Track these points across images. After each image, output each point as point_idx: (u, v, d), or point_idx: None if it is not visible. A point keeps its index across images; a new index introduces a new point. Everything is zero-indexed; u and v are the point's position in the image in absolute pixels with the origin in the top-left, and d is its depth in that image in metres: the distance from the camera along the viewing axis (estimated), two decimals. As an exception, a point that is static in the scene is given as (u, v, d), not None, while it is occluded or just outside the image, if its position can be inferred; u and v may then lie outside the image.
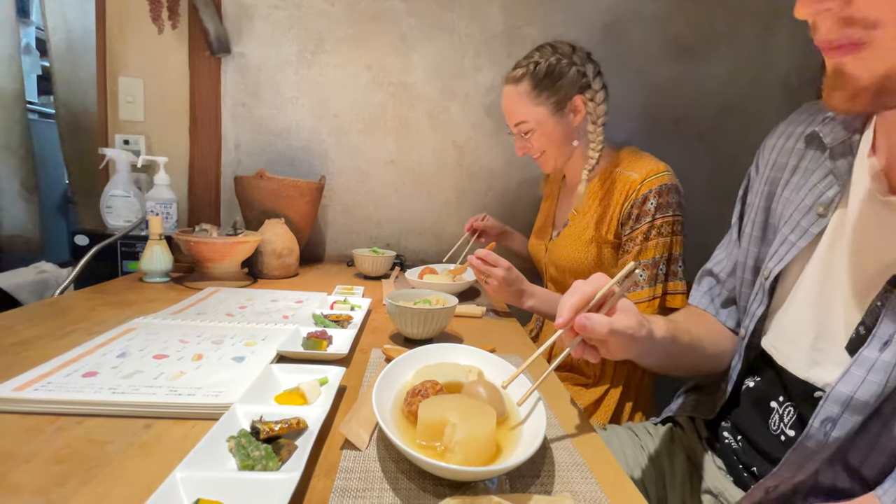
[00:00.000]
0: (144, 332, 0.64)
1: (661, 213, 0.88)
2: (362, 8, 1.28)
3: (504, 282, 0.86)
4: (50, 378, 0.48)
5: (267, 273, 1.08)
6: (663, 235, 0.89)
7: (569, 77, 0.92)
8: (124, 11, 1.24)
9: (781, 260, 0.53)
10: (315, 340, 0.63)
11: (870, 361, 0.40)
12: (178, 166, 1.30)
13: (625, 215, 0.91)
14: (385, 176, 1.38)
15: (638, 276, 0.88)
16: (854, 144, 0.49)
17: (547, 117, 0.95)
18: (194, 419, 0.45)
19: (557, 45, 0.95)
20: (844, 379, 0.41)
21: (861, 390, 0.39)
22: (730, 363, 0.62)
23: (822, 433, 0.41)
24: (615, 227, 0.93)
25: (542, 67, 0.92)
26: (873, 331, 0.41)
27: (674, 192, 0.90)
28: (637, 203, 0.89)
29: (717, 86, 1.37)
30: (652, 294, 0.88)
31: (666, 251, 0.89)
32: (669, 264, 0.89)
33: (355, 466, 0.40)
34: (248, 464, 0.36)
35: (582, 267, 0.98)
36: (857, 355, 0.41)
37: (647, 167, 0.91)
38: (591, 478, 0.40)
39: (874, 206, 0.44)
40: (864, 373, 0.39)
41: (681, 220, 0.90)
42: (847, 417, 0.40)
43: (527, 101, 0.95)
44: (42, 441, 0.40)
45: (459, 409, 0.39)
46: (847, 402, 0.40)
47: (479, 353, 0.56)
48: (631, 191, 0.90)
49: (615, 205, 0.93)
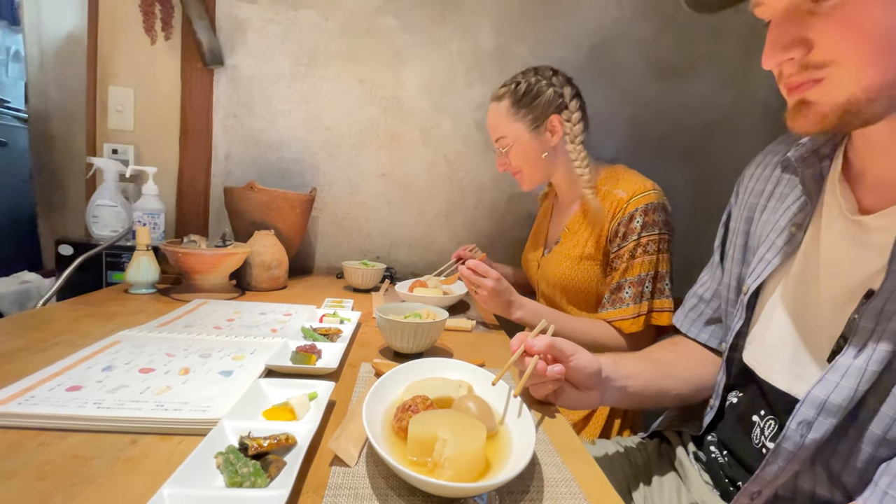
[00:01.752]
0: (130, 345, 0.63)
1: (648, 232, 0.90)
2: (356, 23, 1.30)
3: (493, 292, 0.87)
4: (33, 392, 0.48)
5: (255, 285, 1.08)
6: (649, 253, 0.90)
7: (546, 97, 0.97)
8: (117, 21, 1.24)
9: (759, 277, 0.55)
10: (304, 354, 0.63)
11: (844, 367, 0.42)
12: (166, 176, 1.29)
13: (612, 233, 0.93)
14: (376, 189, 1.38)
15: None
16: (825, 168, 0.51)
17: (524, 133, 0.98)
18: (181, 434, 0.45)
19: (540, 68, 1.00)
20: (820, 384, 0.42)
21: (835, 394, 0.41)
22: (712, 386, 0.64)
23: (799, 435, 0.43)
24: (604, 245, 0.95)
25: (521, 87, 0.97)
26: (849, 339, 0.42)
27: (660, 210, 0.91)
28: (624, 221, 0.91)
29: (700, 105, 1.42)
30: (637, 311, 0.90)
31: (652, 269, 0.90)
32: (655, 282, 0.91)
33: (344, 483, 0.39)
34: (236, 480, 0.36)
35: (572, 284, 0.99)
36: (832, 363, 0.43)
37: (634, 185, 0.93)
38: (579, 493, 0.41)
39: (845, 225, 0.47)
40: (839, 378, 0.41)
41: (667, 239, 0.92)
42: (822, 420, 0.42)
43: (506, 118, 0.99)
44: (25, 457, 0.40)
45: (450, 425, 0.40)
46: (822, 406, 0.42)
47: (469, 367, 0.56)
48: (618, 209, 0.92)
49: (603, 222, 0.95)
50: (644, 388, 0.62)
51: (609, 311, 0.93)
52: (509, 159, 1.02)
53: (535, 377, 0.54)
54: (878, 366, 0.40)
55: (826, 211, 0.50)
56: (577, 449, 0.50)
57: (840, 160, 0.50)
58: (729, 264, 0.65)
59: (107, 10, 1.24)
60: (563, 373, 0.55)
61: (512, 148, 1.00)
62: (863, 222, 0.45)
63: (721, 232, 0.69)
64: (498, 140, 1.02)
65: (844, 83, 0.38)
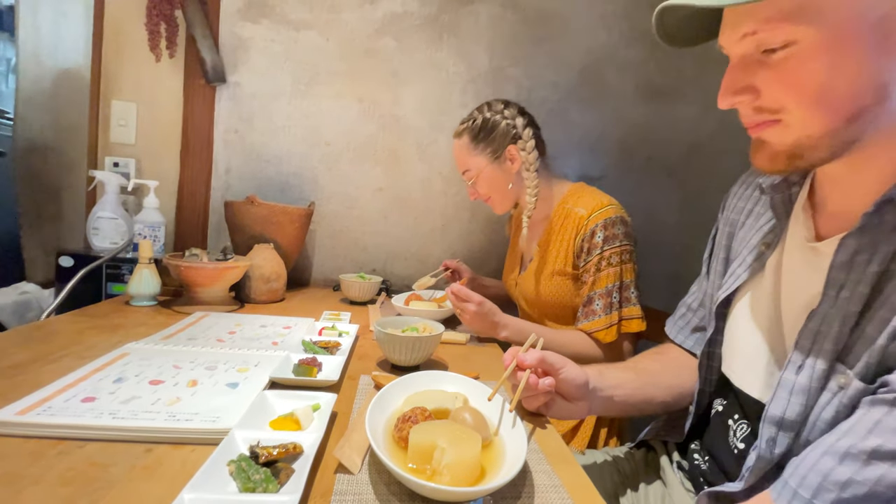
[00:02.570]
0: (138, 358, 0.65)
1: (609, 245, 0.96)
2: (356, 44, 1.35)
3: (477, 316, 0.91)
4: (50, 402, 0.50)
5: (254, 297, 1.10)
6: (613, 265, 0.95)
7: (500, 129, 1.03)
8: (122, 38, 1.27)
9: (728, 289, 0.60)
10: (306, 367, 0.65)
11: (789, 384, 0.45)
12: (166, 190, 1.32)
13: (578, 249, 0.99)
14: (373, 203, 1.42)
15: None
16: (794, 194, 0.56)
17: (486, 165, 1.05)
18: (193, 444, 0.47)
19: (493, 102, 1.07)
20: (774, 402, 0.46)
21: (789, 411, 0.45)
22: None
23: (769, 451, 0.46)
24: (572, 260, 1.00)
25: (478, 122, 1.04)
26: (789, 356, 0.46)
27: (619, 223, 0.97)
28: (587, 237, 0.97)
29: (686, 126, 1.48)
30: (608, 322, 0.95)
31: (617, 280, 0.96)
32: (622, 291, 0.96)
33: (349, 489, 0.42)
34: (249, 486, 0.39)
35: (548, 299, 1.04)
36: (778, 378, 0.46)
37: (592, 202, 0.99)
38: (567, 498, 0.44)
39: (803, 250, 0.51)
40: (788, 395, 0.45)
41: (629, 249, 0.97)
42: (783, 435, 0.46)
43: (468, 152, 1.06)
44: (46, 464, 0.42)
45: (448, 434, 0.43)
46: (780, 422, 0.45)
47: (465, 380, 0.60)
48: (580, 225, 0.98)
49: (569, 239, 1.00)
50: (629, 396, 0.66)
51: (584, 323, 0.97)
52: (477, 189, 1.09)
53: (527, 390, 0.58)
54: (818, 383, 0.43)
55: (790, 234, 0.54)
56: (567, 458, 0.53)
57: (807, 188, 0.55)
58: (713, 277, 0.69)
59: (111, 28, 1.27)
60: (554, 385, 0.59)
61: (478, 179, 1.07)
62: (816, 248, 0.49)
63: (709, 245, 0.73)
64: (464, 173, 1.10)
65: (794, 128, 0.43)
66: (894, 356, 0.39)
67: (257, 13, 1.32)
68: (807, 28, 0.39)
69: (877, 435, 0.36)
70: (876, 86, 0.40)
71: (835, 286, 0.45)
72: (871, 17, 0.38)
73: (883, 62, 0.39)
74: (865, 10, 0.38)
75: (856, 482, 0.36)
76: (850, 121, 0.41)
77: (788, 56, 0.41)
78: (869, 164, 0.44)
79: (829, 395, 0.43)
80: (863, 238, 0.43)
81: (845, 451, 0.37)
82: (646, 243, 1.51)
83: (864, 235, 0.43)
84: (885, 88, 0.40)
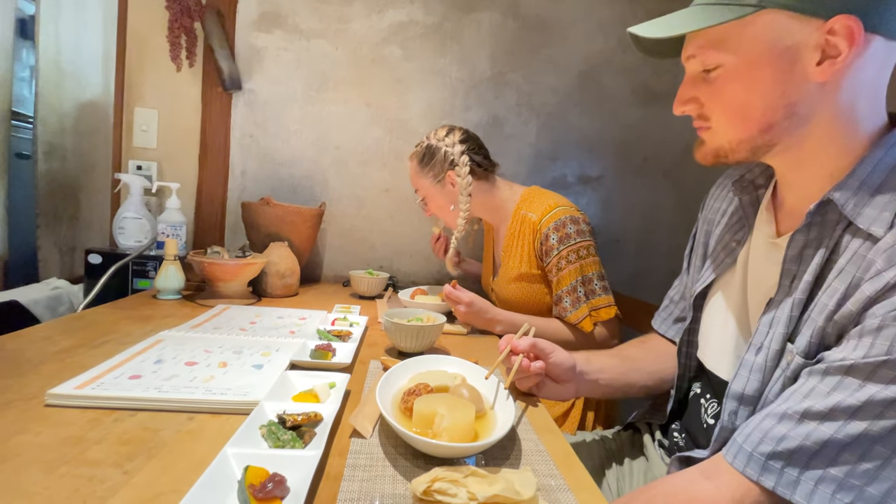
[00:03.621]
0: (173, 343, 0.73)
1: (564, 244, 1.01)
2: (364, 53, 1.42)
3: (469, 315, 0.97)
4: (101, 380, 0.58)
5: (271, 292, 1.18)
6: (572, 262, 1.01)
7: (439, 156, 1.10)
8: (144, 49, 1.35)
9: (703, 282, 0.66)
10: (322, 351, 0.73)
11: (749, 363, 0.52)
12: (186, 191, 1.40)
13: (538, 252, 1.05)
14: (381, 203, 1.49)
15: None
16: (760, 195, 0.62)
17: (430, 187, 1.13)
18: (228, 413, 0.55)
19: (438, 130, 1.14)
20: (736, 379, 0.52)
21: (748, 387, 0.51)
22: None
23: (731, 423, 0.53)
24: (536, 262, 1.06)
25: (422, 148, 1.13)
26: (751, 339, 0.53)
27: (570, 223, 1.01)
28: (543, 241, 1.03)
29: (681, 128, 1.53)
30: (579, 316, 1.00)
31: (579, 275, 1.00)
32: (585, 285, 1.01)
33: (362, 450, 0.49)
34: (279, 444, 0.46)
35: (520, 301, 1.10)
36: (740, 360, 0.53)
37: (542, 206, 1.05)
38: (549, 460, 0.51)
39: (766, 245, 0.57)
40: (748, 373, 0.51)
41: (586, 245, 1.02)
42: (743, 409, 0.52)
43: (416, 174, 1.15)
44: (104, 429, 0.50)
45: (447, 403, 0.50)
46: (740, 397, 0.52)
47: (464, 363, 0.67)
48: (535, 230, 1.04)
49: (528, 244, 1.06)
50: (613, 380, 0.73)
51: None
52: (429, 207, 1.18)
53: (520, 372, 0.65)
54: (772, 362, 0.50)
55: (756, 231, 0.60)
56: (553, 430, 0.60)
57: (770, 190, 0.61)
58: (693, 272, 0.75)
59: (134, 40, 1.35)
60: (544, 368, 0.66)
61: (427, 198, 1.17)
62: (776, 243, 0.55)
63: (690, 242, 0.80)
64: (416, 191, 1.19)
65: (719, 134, 0.52)
66: (830, 335, 0.46)
67: (271, 24, 1.39)
68: (727, 55, 0.49)
69: (810, 399, 0.42)
70: (785, 104, 0.48)
71: (788, 277, 0.51)
72: (780, 48, 0.46)
73: (790, 85, 0.47)
74: (774, 42, 0.46)
75: (789, 437, 0.42)
76: (762, 132, 0.50)
77: (717, 76, 0.50)
78: (803, 168, 0.52)
79: (779, 372, 0.50)
80: (809, 234, 0.50)
81: (783, 413, 0.44)
82: (642, 241, 1.58)
83: (811, 231, 0.50)
84: (793, 106, 0.48)
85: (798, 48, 0.46)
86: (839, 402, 0.40)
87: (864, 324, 0.41)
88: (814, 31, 0.45)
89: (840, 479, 0.39)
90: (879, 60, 0.46)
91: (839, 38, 0.44)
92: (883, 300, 0.40)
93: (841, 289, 0.44)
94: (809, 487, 0.40)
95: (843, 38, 0.44)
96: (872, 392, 0.39)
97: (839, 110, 0.47)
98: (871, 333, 0.40)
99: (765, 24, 0.46)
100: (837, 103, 0.47)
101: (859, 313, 0.42)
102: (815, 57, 0.45)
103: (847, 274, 0.45)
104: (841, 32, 0.43)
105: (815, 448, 0.41)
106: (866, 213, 0.45)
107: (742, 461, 0.45)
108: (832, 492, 0.40)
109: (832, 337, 0.46)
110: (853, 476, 0.39)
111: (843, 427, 0.40)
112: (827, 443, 0.40)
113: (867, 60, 0.46)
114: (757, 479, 0.43)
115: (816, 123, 0.48)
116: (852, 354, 0.41)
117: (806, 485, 0.41)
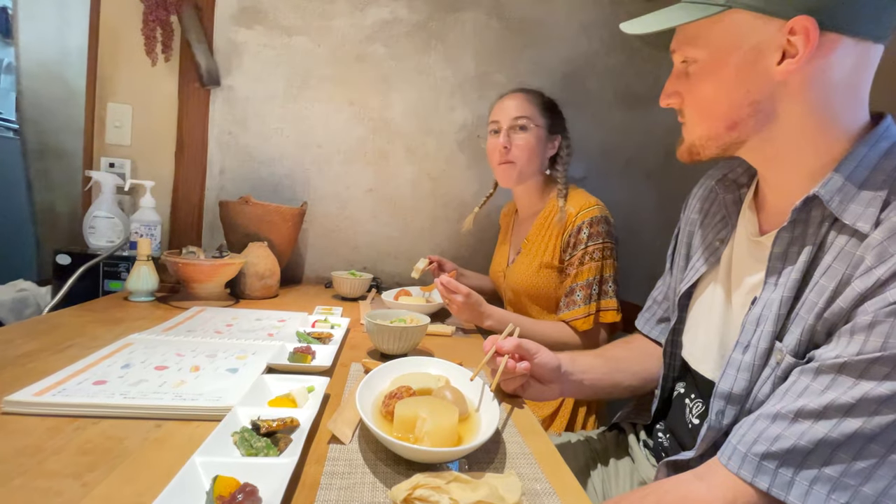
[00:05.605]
0: (143, 347, 0.69)
1: (593, 241, 1.04)
2: (347, 50, 1.40)
3: (464, 306, 0.96)
4: (64, 385, 0.54)
5: (249, 293, 1.14)
6: (595, 260, 1.04)
7: (560, 119, 1.14)
8: (118, 42, 1.31)
9: (688, 282, 0.66)
10: (300, 354, 0.70)
11: (736, 362, 0.51)
12: (162, 190, 1.35)
13: (565, 243, 1.07)
14: (364, 203, 1.47)
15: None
16: (743, 194, 0.62)
17: (540, 128, 1.11)
18: (199, 420, 0.52)
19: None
20: (723, 379, 0.52)
21: (736, 386, 0.51)
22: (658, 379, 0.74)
23: (718, 422, 0.52)
24: (559, 254, 1.08)
25: (547, 100, 1.15)
26: (737, 338, 0.52)
27: (603, 222, 1.05)
28: (573, 233, 1.05)
29: (663, 131, 1.54)
30: (587, 311, 1.03)
31: (598, 273, 1.04)
32: (601, 285, 1.04)
33: (341, 456, 0.47)
34: (252, 452, 0.44)
35: (534, 290, 1.11)
36: (727, 358, 0.52)
37: (580, 202, 1.07)
38: (534, 464, 0.49)
39: (749, 244, 0.57)
40: (735, 372, 0.51)
41: (611, 247, 1.06)
42: (730, 408, 0.51)
43: (535, 109, 1.11)
44: (65, 438, 0.47)
45: (428, 406, 0.48)
46: (728, 396, 0.51)
47: (448, 364, 0.65)
48: (568, 222, 1.06)
49: (557, 235, 1.08)
50: (598, 380, 0.72)
51: (564, 312, 1.05)
52: (517, 141, 1.09)
53: (505, 373, 0.63)
54: (760, 361, 0.50)
55: (739, 230, 0.60)
56: (538, 432, 0.58)
57: (752, 189, 0.61)
58: (676, 272, 0.75)
59: (108, 33, 1.30)
60: (529, 369, 0.64)
61: (527, 133, 1.09)
62: (759, 241, 0.55)
63: (672, 243, 0.80)
64: (518, 118, 1.08)
65: (689, 130, 0.56)
66: (820, 333, 0.45)
67: (251, 19, 1.36)
68: (699, 51, 0.51)
69: (804, 398, 0.42)
70: (749, 101, 0.49)
71: (773, 274, 0.51)
72: (745, 46, 0.48)
73: (753, 83, 0.48)
74: (740, 40, 0.48)
75: (783, 437, 0.42)
76: (728, 129, 0.51)
77: (693, 72, 0.53)
78: (780, 166, 0.52)
79: (769, 371, 0.49)
80: (794, 231, 0.50)
81: (776, 413, 0.43)
82: (625, 242, 1.58)
83: (796, 229, 0.50)
84: (757, 104, 0.49)
85: (761, 47, 0.47)
86: (833, 401, 0.40)
87: (855, 321, 0.41)
88: (776, 30, 0.46)
89: (835, 478, 0.39)
90: (851, 60, 0.46)
91: (798, 37, 0.45)
92: (874, 296, 0.40)
93: (830, 286, 0.44)
94: (804, 488, 0.40)
95: (802, 38, 0.45)
96: (866, 389, 0.39)
97: (810, 109, 0.48)
98: (864, 330, 0.40)
99: (732, 22, 0.48)
100: (807, 102, 0.48)
101: (850, 310, 0.42)
102: (777, 56, 0.47)
103: (835, 271, 0.44)
104: (800, 32, 0.45)
105: (809, 447, 0.40)
106: (852, 209, 0.45)
107: (736, 462, 0.44)
108: (827, 492, 0.39)
109: (822, 335, 0.45)
110: (848, 475, 0.39)
111: (837, 426, 0.40)
112: (821, 442, 0.40)
113: (835, 60, 0.46)
114: (751, 481, 0.43)
115: (785, 121, 0.49)
116: (845, 352, 0.41)
117: (801, 485, 0.40)
